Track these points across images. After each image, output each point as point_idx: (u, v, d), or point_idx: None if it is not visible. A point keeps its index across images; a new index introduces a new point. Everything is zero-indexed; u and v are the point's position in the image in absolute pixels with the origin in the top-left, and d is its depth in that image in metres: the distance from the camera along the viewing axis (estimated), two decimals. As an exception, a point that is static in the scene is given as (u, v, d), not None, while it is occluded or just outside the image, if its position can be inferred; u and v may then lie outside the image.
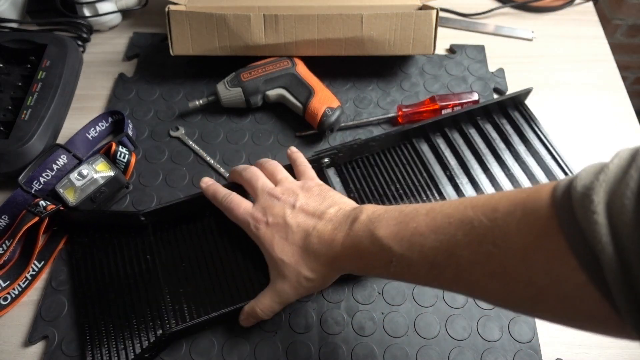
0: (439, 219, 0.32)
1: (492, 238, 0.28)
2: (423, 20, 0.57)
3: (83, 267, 0.47)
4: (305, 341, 0.44)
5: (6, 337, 0.45)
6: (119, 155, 0.53)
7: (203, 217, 0.50)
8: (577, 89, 0.63)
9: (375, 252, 0.35)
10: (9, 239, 0.47)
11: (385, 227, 0.34)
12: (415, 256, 0.32)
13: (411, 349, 0.44)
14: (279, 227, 0.41)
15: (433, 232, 0.31)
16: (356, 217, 0.37)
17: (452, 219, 0.31)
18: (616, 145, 0.57)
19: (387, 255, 0.34)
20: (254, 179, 0.45)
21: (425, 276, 0.33)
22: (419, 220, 0.33)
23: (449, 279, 0.32)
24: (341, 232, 0.37)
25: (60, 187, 0.49)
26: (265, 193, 0.43)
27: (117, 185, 0.51)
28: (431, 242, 0.31)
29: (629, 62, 1.27)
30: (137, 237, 0.49)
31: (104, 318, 0.44)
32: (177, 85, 0.63)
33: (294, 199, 0.42)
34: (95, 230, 0.49)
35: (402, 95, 0.62)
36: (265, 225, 0.41)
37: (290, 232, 0.40)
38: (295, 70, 0.58)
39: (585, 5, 0.74)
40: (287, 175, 0.46)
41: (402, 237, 0.33)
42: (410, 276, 0.34)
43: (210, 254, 0.48)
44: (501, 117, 0.57)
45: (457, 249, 0.30)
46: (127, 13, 0.71)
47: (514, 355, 0.43)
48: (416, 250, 0.32)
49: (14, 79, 0.59)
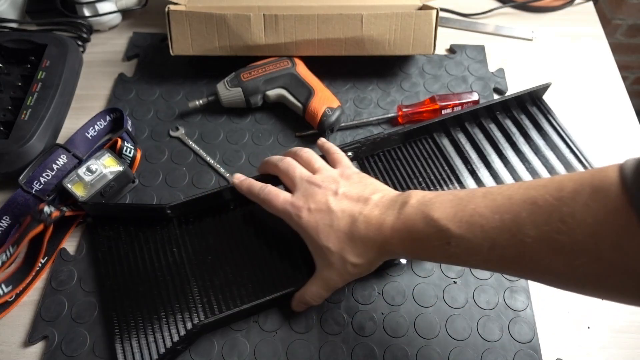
0: (499, 200, 0.32)
1: (559, 215, 0.28)
2: (423, 20, 0.57)
3: (109, 260, 0.48)
4: (305, 341, 0.44)
5: (6, 337, 0.45)
6: (125, 150, 0.53)
7: (228, 210, 0.50)
8: (577, 89, 0.63)
9: (431, 234, 0.34)
10: (14, 246, 0.47)
11: (441, 209, 0.34)
12: (476, 237, 0.32)
13: (411, 349, 0.44)
14: (323, 213, 0.40)
15: (494, 213, 0.31)
16: (405, 201, 0.37)
17: (513, 199, 0.31)
18: (616, 146, 0.57)
19: (445, 236, 0.33)
20: (291, 168, 0.44)
21: (486, 257, 0.33)
22: (477, 202, 0.33)
23: (511, 258, 0.31)
24: (390, 216, 0.37)
25: (68, 183, 0.49)
26: (304, 181, 0.42)
27: (125, 180, 0.52)
28: (493, 222, 0.31)
29: (629, 62, 1.27)
30: (162, 230, 0.49)
31: (132, 311, 0.44)
32: (177, 85, 0.63)
33: (336, 186, 0.41)
34: (119, 223, 0.50)
35: (402, 95, 0.62)
36: (308, 212, 0.40)
37: (335, 219, 0.39)
38: (295, 70, 0.58)
39: (585, 5, 0.74)
40: (324, 163, 0.45)
41: (460, 218, 0.33)
42: (469, 257, 0.34)
43: (237, 246, 0.48)
44: (520, 112, 0.58)
45: (522, 228, 0.30)
46: (127, 13, 0.71)
47: (514, 355, 0.43)
48: (477, 231, 0.32)
49: (14, 79, 0.59)
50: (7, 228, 0.50)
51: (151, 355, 0.42)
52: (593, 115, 0.61)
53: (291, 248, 0.47)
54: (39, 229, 0.47)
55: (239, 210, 0.50)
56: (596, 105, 0.62)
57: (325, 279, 0.41)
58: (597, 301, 0.47)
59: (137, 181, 0.54)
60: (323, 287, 0.42)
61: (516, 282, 0.47)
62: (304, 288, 0.43)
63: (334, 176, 0.42)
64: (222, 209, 0.50)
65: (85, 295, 0.47)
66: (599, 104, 0.62)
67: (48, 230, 0.48)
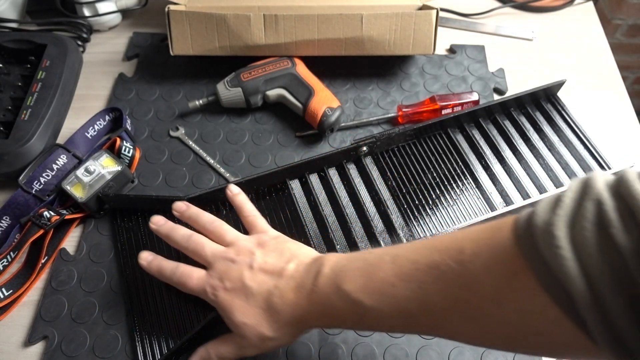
0: (406, 267, 0.31)
1: (461, 281, 0.28)
2: (423, 20, 0.57)
3: (128, 250, 0.49)
4: (305, 341, 0.44)
5: (6, 337, 0.45)
6: (124, 150, 0.53)
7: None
8: (577, 89, 0.63)
9: (344, 307, 0.33)
10: (14, 251, 0.47)
11: (352, 280, 0.33)
12: (388, 308, 0.32)
13: (411, 349, 0.44)
14: (238, 291, 0.38)
15: (402, 281, 0.31)
16: (318, 270, 0.36)
17: (419, 264, 0.31)
18: (616, 146, 0.57)
19: (358, 309, 0.33)
20: (200, 247, 0.41)
21: (402, 326, 0.33)
22: (385, 269, 0.32)
23: (426, 326, 0.32)
24: (305, 290, 0.36)
25: (67, 184, 0.49)
26: (218, 258, 0.40)
27: (124, 180, 0.52)
28: (402, 292, 0.31)
29: (629, 62, 1.27)
30: (179, 223, 0.47)
31: (151, 301, 0.46)
32: (177, 85, 0.63)
33: (250, 259, 0.39)
34: (139, 214, 0.51)
35: (402, 95, 0.62)
36: (224, 291, 0.38)
37: (250, 295, 0.38)
38: (295, 70, 0.58)
39: (585, 5, 0.74)
40: (237, 234, 0.42)
41: (371, 289, 0.32)
42: (386, 327, 0.34)
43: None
44: (534, 109, 0.58)
45: (429, 296, 0.30)
46: (127, 13, 0.71)
47: (514, 355, 0.43)
48: (387, 302, 0.31)
49: (14, 79, 0.59)
50: (7, 228, 0.50)
51: (169, 345, 0.43)
52: (593, 115, 0.61)
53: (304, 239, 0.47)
54: (39, 234, 0.47)
55: (255, 202, 0.48)
56: (596, 105, 0.62)
57: (239, 345, 0.39)
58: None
59: (137, 181, 0.54)
60: (234, 351, 0.39)
61: (516, 282, 0.47)
62: (214, 343, 0.40)
63: (248, 247, 0.40)
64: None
65: (85, 295, 0.47)
66: (599, 104, 0.62)
67: (48, 234, 0.48)
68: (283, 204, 0.51)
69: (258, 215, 0.44)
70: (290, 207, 0.50)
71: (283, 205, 0.51)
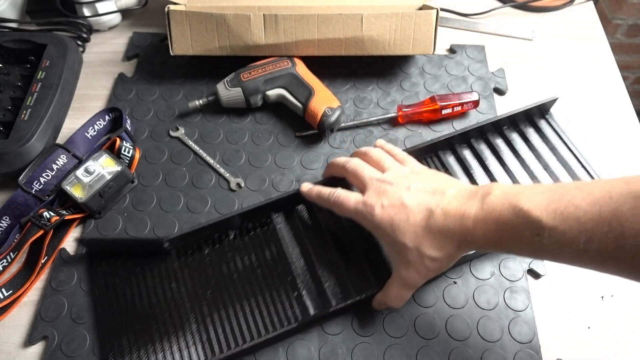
0: (597, 193, 0.31)
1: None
2: (423, 20, 0.57)
3: (105, 297, 0.46)
4: (306, 341, 0.44)
5: (6, 337, 0.45)
6: (124, 150, 0.53)
7: (227, 239, 0.48)
8: (577, 89, 0.63)
9: (519, 224, 0.33)
10: (14, 251, 0.47)
11: (531, 200, 0.33)
12: (571, 229, 0.31)
13: (411, 349, 0.44)
14: (397, 209, 0.38)
15: (592, 205, 0.31)
16: (487, 192, 0.36)
17: (612, 193, 0.31)
18: (616, 146, 0.57)
19: (535, 227, 0.32)
20: (359, 168, 0.43)
21: (580, 251, 0.32)
22: (572, 194, 0.32)
23: (607, 251, 0.31)
24: (472, 207, 0.36)
25: (67, 185, 0.49)
26: (374, 180, 0.41)
27: (124, 180, 0.52)
28: (590, 215, 0.31)
29: (629, 62, 1.27)
30: (160, 264, 0.47)
31: (130, 350, 0.43)
32: (177, 85, 0.63)
33: (408, 182, 0.40)
34: (116, 257, 0.48)
35: (402, 95, 0.62)
36: (382, 209, 0.39)
37: (410, 213, 0.38)
38: (295, 70, 0.58)
39: (585, 5, 0.74)
40: (394, 161, 0.43)
41: (554, 209, 0.32)
42: (560, 251, 0.33)
43: (239, 277, 0.46)
44: (527, 126, 0.57)
45: (623, 221, 0.30)
46: (126, 13, 0.71)
47: (514, 355, 0.43)
48: (572, 223, 0.31)
49: (14, 79, 0.59)
50: (7, 228, 0.50)
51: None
52: (593, 115, 0.61)
53: (295, 280, 0.45)
54: (39, 234, 0.47)
55: (239, 239, 0.48)
56: (596, 105, 0.62)
57: (403, 278, 0.40)
58: (597, 301, 0.47)
59: (137, 181, 0.54)
60: (403, 287, 0.40)
61: (516, 283, 0.47)
62: (383, 292, 0.42)
63: (404, 173, 0.41)
64: (221, 238, 0.48)
65: (85, 296, 0.47)
66: (600, 104, 0.62)
67: (48, 235, 0.48)
68: (268, 239, 0.48)
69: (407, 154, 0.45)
70: (276, 243, 0.48)
71: (268, 241, 0.48)
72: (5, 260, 0.47)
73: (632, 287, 0.47)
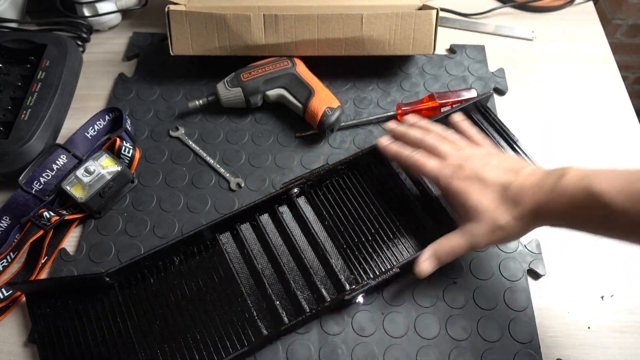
0: None
1: None
2: (423, 20, 0.57)
3: (48, 341, 0.43)
4: (305, 341, 0.44)
5: (6, 337, 0.45)
6: (124, 150, 0.53)
7: (173, 266, 0.47)
8: (577, 89, 0.63)
9: (590, 205, 0.35)
10: (14, 251, 0.47)
11: (605, 182, 0.34)
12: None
13: (411, 349, 0.44)
14: (474, 179, 0.41)
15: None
16: (562, 174, 0.37)
17: None
18: (616, 146, 0.57)
19: (606, 209, 0.34)
20: (439, 143, 0.45)
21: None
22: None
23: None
24: (546, 186, 0.38)
25: (67, 185, 0.49)
26: (453, 154, 0.44)
27: (124, 180, 0.52)
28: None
29: (629, 62, 1.27)
30: (103, 299, 0.45)
31: None
32: (177, 85, 0.63)
33: (484, 161, 0.42)
34: (56, 298, 0.45)
35: (402, 95, 0.62)
36: (458, 179, 0.42)
37: (487, 184, 0.40)
38: (295, 70, 0.58)
39: (585, 5, 0.74)
40: (470, 144, 0.46)
41: (628, 193, 0.33)
42: (631, 233, 0.34)
43: (185, 303, 0.45)
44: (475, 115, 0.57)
45: None
46: (126, 13, 0.71)
47: (514, 355, 0.43)
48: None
49: (14, 79, 0.59)
50: (7, 228, 0.50)
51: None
52: (593, 115, 0.61)
53: (246, 300, 0.44)
54: (39, 234, 0.47)
55: (184, 264, 0.47)
56: (596, 105, 0.62)
57: (470, 232, 0.40)
58: (597, 302, 0.47)
59: (137, 181, 0.54)
60: (466, 240, 0.41)
61: (516, 282, 0.47)
62: (443, 239, 0.42)
63: (480, 153, 0.44)
64: (165, 265, 0.47)
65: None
66: (600, 104, 0.62)
67: (48, 235, 0.48)
68: (215, 261, 0.47)
69: (483, 137, 0.47)
70: (223, 264, 0.46)
71: (215, 263, 0.47)
72: (5, 260, 0.47)
73: (632, 287, 0.47)
